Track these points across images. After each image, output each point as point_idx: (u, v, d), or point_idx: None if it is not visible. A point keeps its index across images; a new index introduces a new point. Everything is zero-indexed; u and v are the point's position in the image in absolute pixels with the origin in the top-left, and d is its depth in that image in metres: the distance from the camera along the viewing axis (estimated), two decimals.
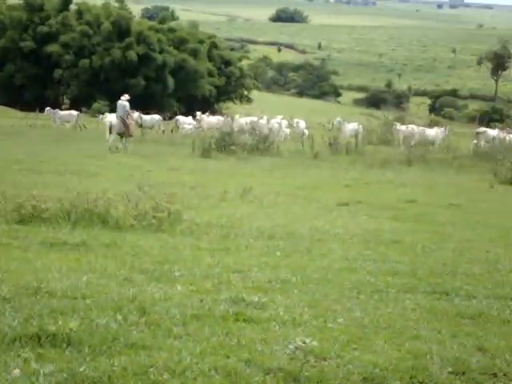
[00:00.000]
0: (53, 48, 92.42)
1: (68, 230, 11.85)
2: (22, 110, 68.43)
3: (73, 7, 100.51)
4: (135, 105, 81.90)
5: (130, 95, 32.06)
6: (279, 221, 14.18)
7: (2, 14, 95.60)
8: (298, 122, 46.51)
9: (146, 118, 46.47)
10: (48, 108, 52.87)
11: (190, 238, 11.99)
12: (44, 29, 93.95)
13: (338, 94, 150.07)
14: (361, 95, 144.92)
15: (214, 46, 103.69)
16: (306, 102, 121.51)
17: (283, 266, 10.31)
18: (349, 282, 9.48)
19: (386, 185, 22.30)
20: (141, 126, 42.16)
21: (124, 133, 30.50)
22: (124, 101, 31.06)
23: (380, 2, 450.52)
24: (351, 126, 41.61)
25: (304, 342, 6.33)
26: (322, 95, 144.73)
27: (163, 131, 44.43)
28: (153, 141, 36.08)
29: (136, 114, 35.38)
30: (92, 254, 10.35)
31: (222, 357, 6.38)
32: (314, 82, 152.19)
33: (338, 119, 44.11)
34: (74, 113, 52.03)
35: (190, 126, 43.69)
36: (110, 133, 30.86)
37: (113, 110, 66.69)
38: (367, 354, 6.68)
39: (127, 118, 30.97)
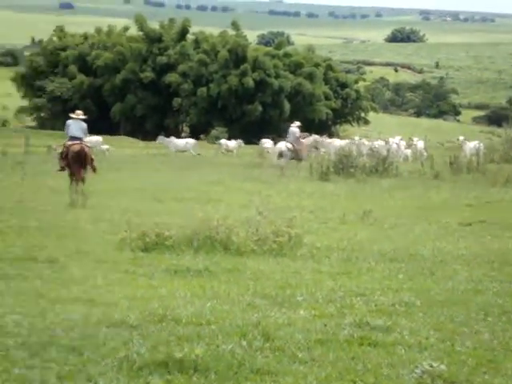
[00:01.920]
0: (171, 78, 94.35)
1: (191, 256, 12.01)
2: (144, 139, 70.06)
3: (190, 37, 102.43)
4: (252, 130, 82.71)
5: (246, 121, 32.88)
6: (400, 243, 14.01)
7: (123, 45, 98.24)
8: (416, 142, 46.00)
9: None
10: (160, 136, 53.46)
11: (310, 261, 11.97)
12: (163, 59, 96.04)
13: (457, 113, 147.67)
14: (481, 113, 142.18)
15: (329, 68, 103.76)
16: (425, 122, 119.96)
17: (406, 288, 10.17)
18: (475, 304, 9.28)
19: (509, 203, 21.77)
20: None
21: (294, 158, 32.07)
22: (294, 127, 33.39)
23: (498, 18, 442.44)
24: (472, 145, 40.81)
25: (431, 366, 6.23)
26: (440, 114, 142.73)
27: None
28: (270, 165, 36.28)
29: (311, 138, 36.17)
30: (215, 280, 10.46)
31: (348, 382, 6.34)
32: (432, 102, 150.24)
33: (461, 138, 43.30)
34: (191, 141, 52.48)
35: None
36: (281, 158, 32.57)
37: (231, 136, 67.53)
38: (498, 377, 6.52)
39: (297, 143, 32.61)
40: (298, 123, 34.19)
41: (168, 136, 56.22)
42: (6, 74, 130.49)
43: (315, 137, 37.76)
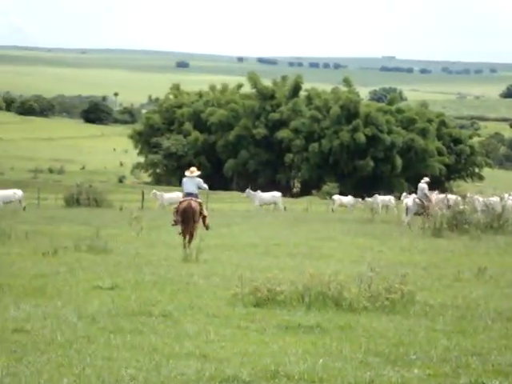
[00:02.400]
0: (284, 134, 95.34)
1: (302, 312, 11.99)
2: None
3: (302, 93, 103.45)
4: (364, 186, 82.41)
5: (358, 176, 32.95)
6: None
7: (236, 103, 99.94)
8: None
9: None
10: (247, 190, 53.06)
11: (424, 319, 11.78)
12: (275, 116, 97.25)
13: None
14: None
15: (442, 124, 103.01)
16: None
17: None
18: None
19: None
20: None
21: (422, 214, 31.89)
22: (423, 183, 33.51)
23: None
24: None
25: None
26: None
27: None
28: (382, 221, 36.05)
29: (442, 196, 35.98)
30: (327, 337, 10.40)
31: None
32: None
33: None
34: (277, 194, 51.74)
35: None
36: (407, 213, 32.85)
37: (342, 192, 67.37)
38: None
39: (426, 199, 32.86)
40: (426, 179, 34.23)
41: (284, 192, 56.31)
42: (123, 132, 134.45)
43: (450, 196, 37.22)
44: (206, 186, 22.80)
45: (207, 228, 22.23)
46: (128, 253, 19.62)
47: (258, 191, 51.73)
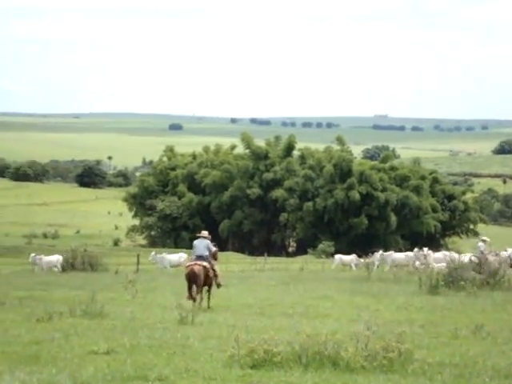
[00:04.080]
0: (278, 193, 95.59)
1: (300, 373, 11.92)
2: (251, 254, 70.55)
3: (296, 153, 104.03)
4: (359, 244, 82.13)
5: (353, 234, 32.85)
6: None
7: (230, 163, 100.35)
8: None
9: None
10: (152, 253, 51.75)
11: (422, 378, 11.72)
12: (269, 175, 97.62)
13: None
14: None
15: (435, 181, 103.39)
16: None
17: None
18: None
19: None
20: None
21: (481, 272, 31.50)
22: (480, 242, 33.70)
23: None
24: None
25: None
26: None
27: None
28: (379, 279, 35.94)
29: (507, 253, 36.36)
30: None
31: None
32: None
33: None
34: (184, 255, 48.74)
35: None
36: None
37: (338, 250, 67.30)
38: None
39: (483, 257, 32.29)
40: (485, 238, 34.51)
41: (280, 251, 56.10)
42: (118, 195, 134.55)
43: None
44: (214, 248, 23.57)
45: (218, 286, 23.30)
46: (123, 316, 19.51)
47: (164, 253, 50.56)
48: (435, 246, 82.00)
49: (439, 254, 49.09)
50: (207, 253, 23.10)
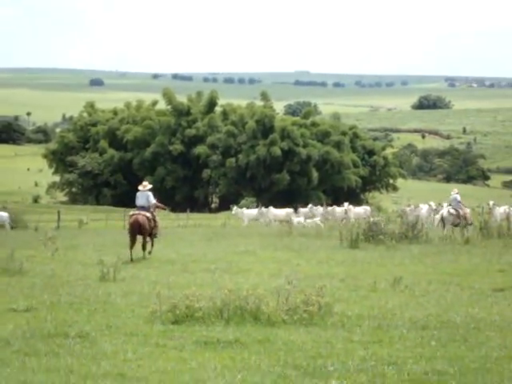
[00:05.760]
0: (200, 149, 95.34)
1: (221, 327, 11.99)
2: (174, 211, 70.25)
3: (218, 109, 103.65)
4: (281, 199, 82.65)
5: (275, 190, 33.01)
6: (432, 310, 13.89)
7: (152, 119, 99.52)
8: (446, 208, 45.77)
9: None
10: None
11: (341, 330, 11.90)
12: (191, 132, 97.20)
13: (487, 178, 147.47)
14: (510, 178, 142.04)
15: (356, 136, 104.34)
16: (454, 187, 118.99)
17: (439, 356, 10.07)
18: (509, 371, 9.15)
19: None
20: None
21: (459, 223, 32.82)
22: (454, 194, 34.43)
23: None
24: (502, 209, 40.64)
25: None
26: (469, 179, 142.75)
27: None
28: (300, 234, 36.25)
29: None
30: (245, 351, 10.42)
31: None
32: (461, 167, 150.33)
33: (491, 202, 43.03)
34: (5, 214, 46.67)
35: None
36: (444, 225, 33.25)
37: (262, 204, 67.58)
38: None
39: (460, 208, 33.64)
40: (456, 190, 35.48)
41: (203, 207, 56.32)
42: (37, 151, 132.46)
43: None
44: (153, 201, 24.89)
45: (154, 236, 24.65)
46: (43, 274, 19.32)
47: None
48: (356, 200, 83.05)
49: (360, 209, 49.86)
50: (148, 204, 24.33)
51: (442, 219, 33.78)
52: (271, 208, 50.59)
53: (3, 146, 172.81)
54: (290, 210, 49.72)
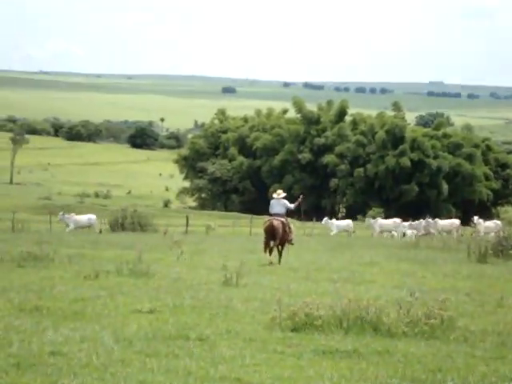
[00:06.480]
0: (329, 158, 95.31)
1: (340, 337, 11.90)
2: (300, 219, 70.29)
3: (348, 118, 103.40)
4: (409, 211, 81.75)
5: (403, 201, 32.57)
6: None
7: (281, 128, 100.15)
8: None
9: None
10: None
11: (463, 345, 11.63)
12: (320, 140, 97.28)
13: None
14: None
15: (489, 149, 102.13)
16: None
17: None
18: None
19: None
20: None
21: None
22: None
23: None
24: None
25: None
26: None
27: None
28: (427, 246, 35.71)
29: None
30: (364, 362, 10.31)
31: None
32: None
33: None
34: (93, 217, 48.32)
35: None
36: None
37: (388, 216, 66.89)
38: None
39: None
40: None
41: (330, 217, 56.75)
42: (169, 157, 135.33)
43: None
44: (291, 205, 25.60)
45: (290, 243, 25.52)
46: (169, 277, 19.65)
47: (73, 214, 49.20)
48: (487, 214, 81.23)
49: (490, 223, 48.70)
50: (284, 211, 25.06)
51: None
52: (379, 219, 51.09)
53: (137, 150, 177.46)
54: (398, 221, 49.57)
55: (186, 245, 27.44)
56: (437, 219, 50.28)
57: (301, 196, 27.95)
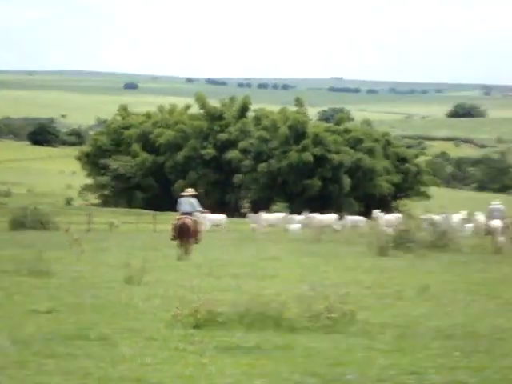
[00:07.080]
0: (232, 154, 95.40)
1: (242, 333, 11.88)
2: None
3: (251, 114, 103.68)
4: (312, 205, 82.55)
5: (306, 196, 32.93)
6: (458, 319, 13.70)
7: (185, 123, 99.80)
8: (479, 217, 45.47)
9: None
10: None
11: (363, 338, 11.75)
12: (224, 136, 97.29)
13: None
14: None
15: (388, 143, 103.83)
16: (488, 197, 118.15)
17: (462, 367, 9.90)
18: None
19: None
20: None
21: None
22: (499, 205, 33.30)
23: None
24: None
25: None
26: (503, 189, 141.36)
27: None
28: (329, 240, 36.14)
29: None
30: (265, 358, 10.31)
31: None
32: (495, 176, 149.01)
33: None
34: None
35: None
36: (495, 235, 31.63)
37: (293, 211, 67.35)
38: None
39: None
40: (498, 201, 34.48)
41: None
42: (71, 153, 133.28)
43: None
44: (199, 209, 26.02)
45: (196, 242, 25.86)
46: (70, 276, 19.35)
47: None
48: (388, 208, 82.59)
49: (390, 217, 49.53)
50: (191, 210, 25.39)
51: (494, 230, 32.04)
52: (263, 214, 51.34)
53: (37, 147, 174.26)
54: (283, 215, 50.36)
55: (88, 243, 27.12)
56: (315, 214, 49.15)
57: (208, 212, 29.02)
